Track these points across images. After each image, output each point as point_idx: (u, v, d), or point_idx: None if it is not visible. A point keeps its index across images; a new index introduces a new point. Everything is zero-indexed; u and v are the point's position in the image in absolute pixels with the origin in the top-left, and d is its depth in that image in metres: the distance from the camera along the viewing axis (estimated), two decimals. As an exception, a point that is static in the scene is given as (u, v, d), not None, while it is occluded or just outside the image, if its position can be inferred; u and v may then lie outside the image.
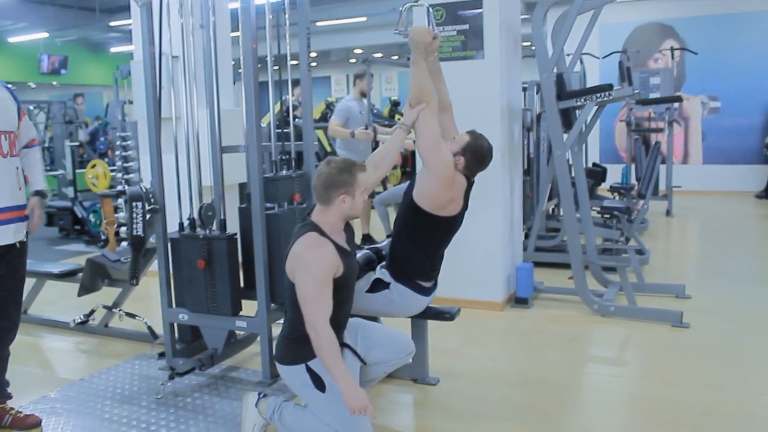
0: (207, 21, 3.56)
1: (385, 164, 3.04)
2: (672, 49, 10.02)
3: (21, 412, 3.10)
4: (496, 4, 4.50)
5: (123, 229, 6.10)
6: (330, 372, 2.49)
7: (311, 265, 2.54)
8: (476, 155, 3.10)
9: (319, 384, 2.59)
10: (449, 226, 3.17)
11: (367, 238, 6.79)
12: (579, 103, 4.68)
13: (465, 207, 3.18)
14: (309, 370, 2.62)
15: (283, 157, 3.59)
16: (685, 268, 6.27)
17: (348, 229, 2.83)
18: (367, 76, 6.66)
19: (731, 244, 7.17)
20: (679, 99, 8.33)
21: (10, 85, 3.03)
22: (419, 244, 3.17)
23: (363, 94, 6.67)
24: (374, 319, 3.32)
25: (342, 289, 2.66)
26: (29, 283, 4.51)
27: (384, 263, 3.29)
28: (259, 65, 3.36)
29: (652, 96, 8.99)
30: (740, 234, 7.79)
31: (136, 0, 3.48)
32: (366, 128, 6.36)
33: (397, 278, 3.17)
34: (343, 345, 2.77)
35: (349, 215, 2.70)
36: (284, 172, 3.55)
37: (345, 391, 2.44)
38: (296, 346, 2.64)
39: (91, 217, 8.06)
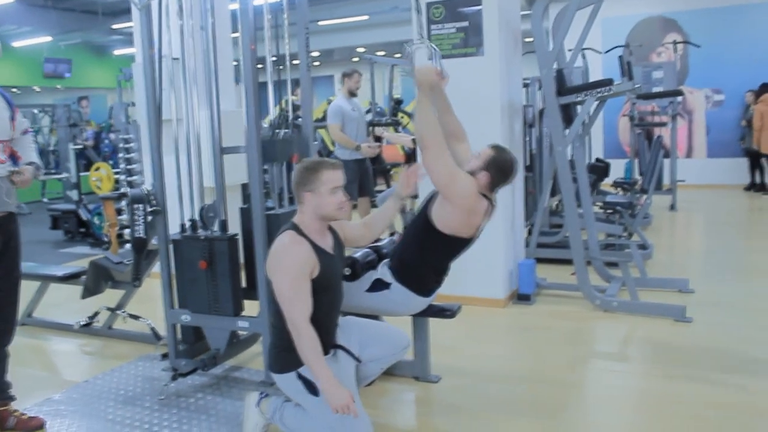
0: (206, 22, 3.56)
1: (377, 228, 3.04)
2: (675, 43, 9.99)
3: (25, 414, 3.12)
4: (495, 0, 4.50)
5: (126, 231, 6.18)
6: (311, 369, 2.50)
7: (285, 263, 2.56)
8: (501, 170, 3.03)
9: (312, 389, 2.59)
10: (464, 244, 3.14)
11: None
12: (579, 99, 4.68)
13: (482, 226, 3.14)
14: (300, 377, 2.62)
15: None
16: (689, 262, 6.25)
17: (334, 234, 2.82)
18: (356, 75, 6.67)
19: (736, 238, 7.16)
20: (679, 93, 8.27)
21: (8, 90, 3.05)
22: (430, 258, 3.16)
23: (351, 93, 6.68)
24: (375, 317, 3.32)
25: (325, 293, 2.64)
26: (34, 286, 4.57)
27: (386, 262, 3.28)
28: (260, 66, 3.37)
29: (655, 90, 8.95)
30: (745, 228, 7.78)
31: (135, 2, 3.49)
32: (375, 138, 6.42)
33: (400, 281, 3.16)
34: (337, 346, 2.78)
35: (322, 214, 2.65)
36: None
37: (326, 389, 2.45)
38: (285, 355, 2.65)
39: (96, 220, 8.08)
